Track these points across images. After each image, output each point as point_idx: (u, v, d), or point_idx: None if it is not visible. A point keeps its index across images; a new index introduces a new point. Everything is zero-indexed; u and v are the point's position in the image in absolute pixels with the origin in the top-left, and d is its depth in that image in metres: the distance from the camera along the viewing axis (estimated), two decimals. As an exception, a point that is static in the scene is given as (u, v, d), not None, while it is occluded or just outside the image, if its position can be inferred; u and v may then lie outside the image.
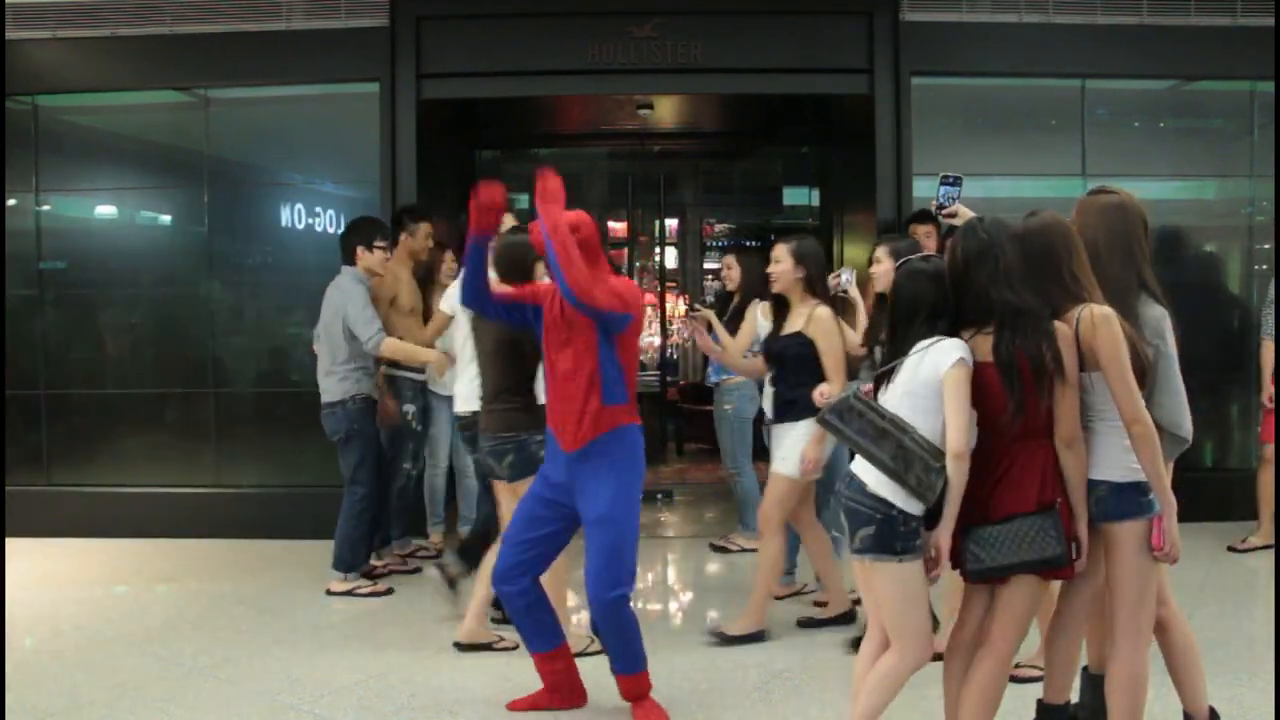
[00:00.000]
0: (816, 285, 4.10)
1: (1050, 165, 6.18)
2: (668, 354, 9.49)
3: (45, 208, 6.29)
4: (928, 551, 2.60)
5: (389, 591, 4.80)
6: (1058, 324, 2.56)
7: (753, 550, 5.47)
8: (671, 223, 10.19)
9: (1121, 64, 6.04)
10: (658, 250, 9.79)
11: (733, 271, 5.35)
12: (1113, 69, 6.07)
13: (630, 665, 3.25)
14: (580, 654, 3.72)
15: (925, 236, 5.18)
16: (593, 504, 3.13)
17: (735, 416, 5.45)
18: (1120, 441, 2.59)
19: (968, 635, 2.76)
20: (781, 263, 4.08)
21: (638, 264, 9.48)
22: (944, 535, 2.57)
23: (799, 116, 8.24)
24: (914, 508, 2.57)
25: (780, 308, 4.26)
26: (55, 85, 6.17)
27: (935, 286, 2.68)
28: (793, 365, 4.06)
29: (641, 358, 5.67)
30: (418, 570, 5.17)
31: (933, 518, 2.59)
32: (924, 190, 5.95)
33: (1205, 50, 6.01)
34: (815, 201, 8.98)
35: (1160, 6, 5.98)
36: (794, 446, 4.07)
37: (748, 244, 9.23)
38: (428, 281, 5.35)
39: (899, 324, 2.73)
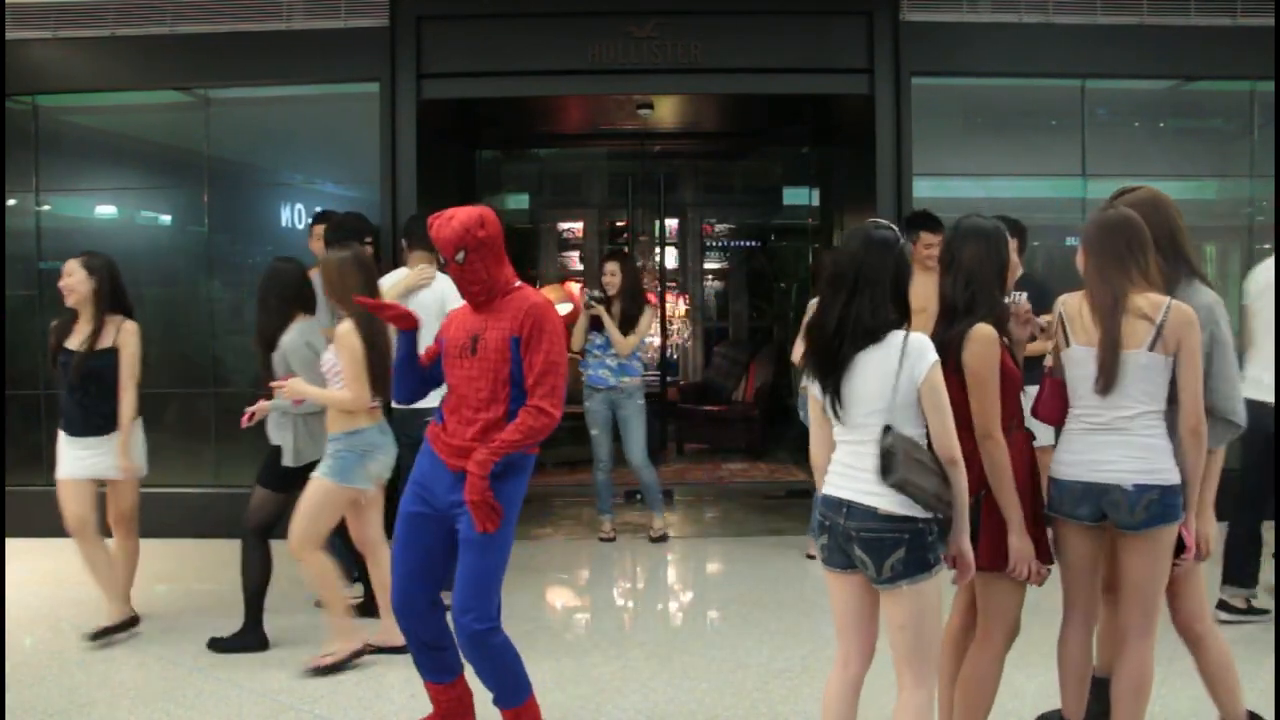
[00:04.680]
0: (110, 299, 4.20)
1: (1050, 165, 6.18)
2: (668, 354, 9.49)
3: (45, 208, 6.29)
4: (948, 559, 2.49)
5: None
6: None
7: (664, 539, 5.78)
8: (671, 223, 10.21)
9: (1121, 64, 6.04)
10: (658, 250, 9.80)
11: (614, 279, 5.72)
12: (1113, 69, 6.07)
13: (511, 698, 2.99)
14: None
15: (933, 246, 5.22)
16: (471, 525, 2.86)
17: (643, 411, 5.77)
18: (1166, 443, 2.63)
19: (955, 633, 2.77)
20: (74, 275, 4.16)
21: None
22: (964, 540, 2.46)
23: (799, 116, 8.25)
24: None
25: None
26: (55, 85, 6.18)
27: (898, 261, 2.44)
28: (110, 379, 4.18)
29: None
30: None
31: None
32: (924, 190, 5.96)
33: (1205, 50, 6.02)
34: (815, 201, 8.98)
35: (1160, 6, 5.99)
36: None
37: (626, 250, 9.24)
38: None
39: (848, 301, 2.42)
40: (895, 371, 2.36)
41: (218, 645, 4.06)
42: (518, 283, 3.01)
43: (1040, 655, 3.57)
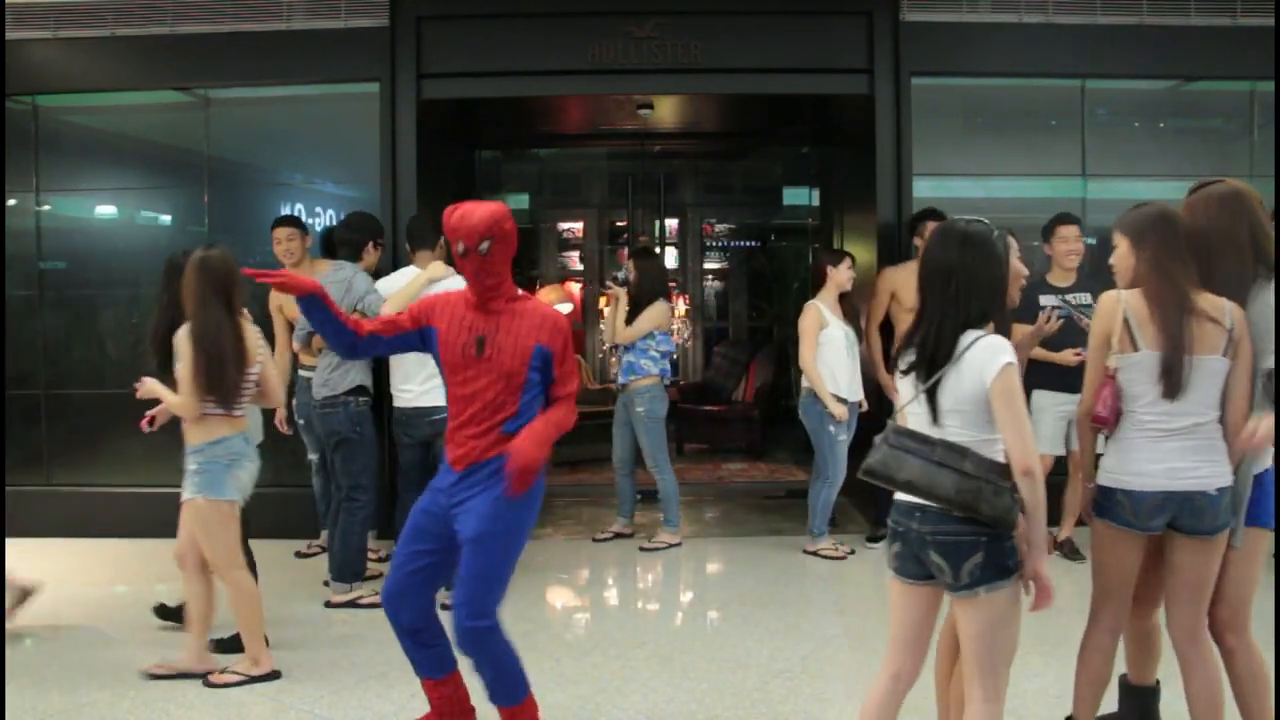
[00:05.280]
0: None
1: (1050, 165, 6.17)
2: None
3: (45, 208, 6.29)
4: (1025, 580, 2.36)
5: None
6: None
7: (678, 544, 5.68)
8: (671, 223, 10.21)
9: (1121, 64, 6.04)
10: (658, 250, 9.80)
11: (631, 275, 5.74)
12: (1113, 69, 6.07)
13: (509, 696, 2.98)
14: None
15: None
16: (471, 522, 2.87)
17: (649, 417, 5.64)
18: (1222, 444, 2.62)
19: (953, 629, 2.76)
20: None
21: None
22: (1040, 561, 2.32)
23: (799, 116, 8.25)
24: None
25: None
26: (55, 85, 6.17)
27: (996, 256, 2.38)
28: None
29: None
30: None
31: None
32: (924, 190, 5.96)
33: (1205, 50, 6.01)
34: (815, 201, 8.98)
35: (1160, 6, 5.98)
36: None
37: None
38: None
39: (941, 311, 2.36)
40: (970, 372, 2.30)
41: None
42: (519, 290, 3.01)
43: (1040, 655, 3.58)
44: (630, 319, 5.65)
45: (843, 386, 5.37)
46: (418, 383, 4.60)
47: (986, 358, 2.29)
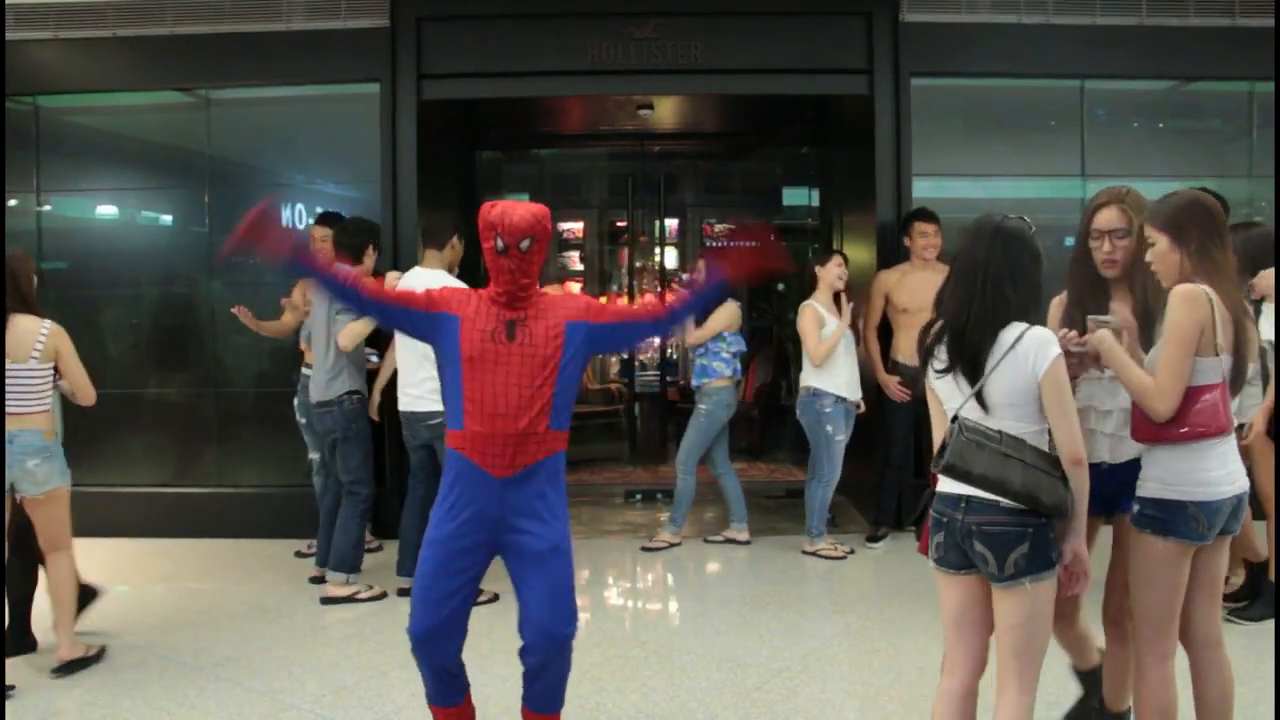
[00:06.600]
0: None
1: (1050, 165, 6.19)
2: (667, 354, 9.49)
3: (46, 208, 6.30)
4: (1063, 563, 2.39)
5: (384, 595, 4.79)
6: None
7: (677, 544, 5.71)
8: (671, 223, 10.21)
9: (1121, 64, 6.05)
10: (658, 250, 9.81)
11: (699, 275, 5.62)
12: (1112, 69, 6.08)
13: (558, 702, 2.95)
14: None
15: (929, 236, 5.35)
16: (550, 533, 2.77)
17: (707, 417, 5.63)
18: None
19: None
20: None
21: (638, 264, 9.50)
22: (1080, 544, 2.38)
23: (799, 116, 8.25)
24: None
25: None
26: (55, 85, 6.19)
27: (1032, 252, 2.41)
28: None
29: (641, 358, 5.72)
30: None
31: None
32: (923, 190, 5.96)
33: (1205, 51, 6.03)
34: (815, 201, 8.98)
35: (1159, 7, 5.99)
36: None
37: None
38: None
39: (973, 307, 2.37)
40: (1020, 365, 2.31)
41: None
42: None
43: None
44: (699, 320, 5.61)
45: (843, 386, 5.38)
46: (413, 385, 4.61)
47: (1037, 350, 2.31)
